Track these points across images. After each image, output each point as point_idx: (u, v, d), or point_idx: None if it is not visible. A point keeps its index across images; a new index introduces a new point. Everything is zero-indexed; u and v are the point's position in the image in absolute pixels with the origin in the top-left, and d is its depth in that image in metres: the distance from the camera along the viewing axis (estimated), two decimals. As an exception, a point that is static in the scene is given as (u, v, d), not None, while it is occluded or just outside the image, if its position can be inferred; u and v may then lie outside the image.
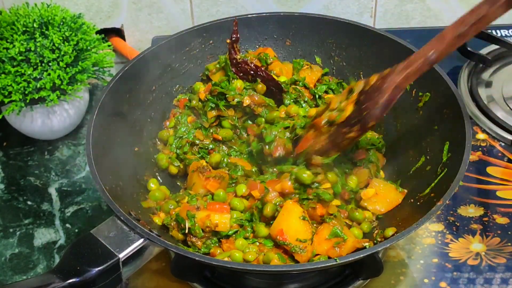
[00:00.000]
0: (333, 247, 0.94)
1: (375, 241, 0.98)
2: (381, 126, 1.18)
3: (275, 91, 1.15)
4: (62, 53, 1.22)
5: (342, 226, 0.97)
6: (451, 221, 1.13)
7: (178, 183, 1.14)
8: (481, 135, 1.28)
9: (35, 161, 1.32)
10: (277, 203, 0.98)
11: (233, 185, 1.06)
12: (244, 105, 1.12)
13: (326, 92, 1.19)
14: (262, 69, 1.16)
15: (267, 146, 1.06)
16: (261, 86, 1.13)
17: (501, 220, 1.12)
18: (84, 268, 0.85)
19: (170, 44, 1.19)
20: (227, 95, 1.13)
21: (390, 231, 0.97)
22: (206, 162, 1.10)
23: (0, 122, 1.33)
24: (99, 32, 1.39)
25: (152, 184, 1.09)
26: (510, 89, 1.36)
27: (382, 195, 1.04)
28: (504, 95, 1.35)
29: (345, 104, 0.98)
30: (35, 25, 1.24)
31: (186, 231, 0.97)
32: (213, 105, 1.14)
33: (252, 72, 1.15)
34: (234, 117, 1.15)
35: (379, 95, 0.95)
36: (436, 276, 1.04)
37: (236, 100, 1.12)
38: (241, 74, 1.16)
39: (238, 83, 1.14)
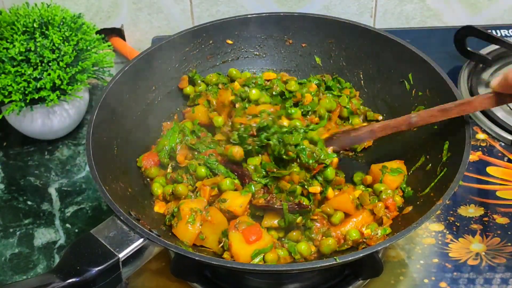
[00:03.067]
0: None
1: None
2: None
3: None
4: (62, 53, 1.22)
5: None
6: (451, 221, 1.13)
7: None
8: (481, 135, 1.28)
9: (35, 161, 1.32)
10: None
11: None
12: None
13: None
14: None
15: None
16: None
17: (501, 220, 1.12)
18: (84, 268, 0.85)
19: (170, 44, 1.19)
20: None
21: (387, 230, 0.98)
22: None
23: (0, 122, 1.33)
24: (99, 32, 1.39)
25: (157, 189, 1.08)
26: (510, 89, 1.36)
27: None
28: (504, 95, 1.35)
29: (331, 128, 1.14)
30: (35, 25, 1.24)
31: (220, 245, 0.98)
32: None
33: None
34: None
35: (354, 130, 1.10)
36: (436, 276, 1.04)
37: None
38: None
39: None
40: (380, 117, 1.18)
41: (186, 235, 0.97)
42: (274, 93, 1.17)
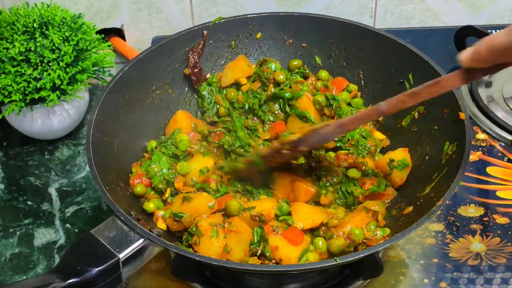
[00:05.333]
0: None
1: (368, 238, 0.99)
2: (381, 126, 1.18)
3: None
4: (62, 53, 1.22)
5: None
6: (451, 221, 1.13)
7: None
8: (481, 135, 1.28)
9: (35, 161, 1.32)
10: None
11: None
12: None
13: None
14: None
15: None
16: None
17: (501, 220, 1.12)
18: (84, 268, 0.85)
19: (170, 44, 1.19)
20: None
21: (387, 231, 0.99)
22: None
23: (0, 122, 1.33)
24: (99, 32, 1.39)
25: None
26: (510, 89, 1.36)
27: None
28: (504, 95, 1.35)
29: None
30: (35, 25, 1.24)
31: (258, 253, 0.96)
32: None
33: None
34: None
35: (324, 127, 1.00)
36: (436, 276, 1.04)
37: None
38: (195, 79, 1.20)
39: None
40: (380, 117, 1.18)
41: (212, 250, 0.93)
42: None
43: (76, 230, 1.19)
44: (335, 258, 0.86)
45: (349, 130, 1.03)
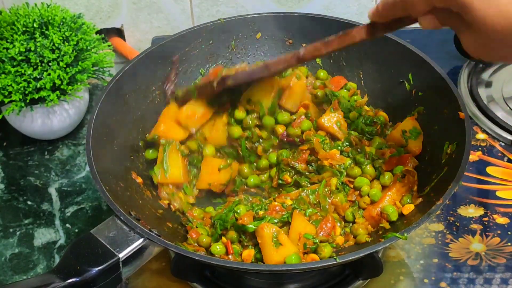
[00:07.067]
0: None
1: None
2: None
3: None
4: (62, 53, 1.23)
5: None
6: (451, 221, 1.13)
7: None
8: (481, 135, 1.28)
9: (35, 161, 1.32)
10: None
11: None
12: None
13: None
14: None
15: None
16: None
17: (501, 220, 1.12)
18: (84, 268, 0.85)
19: (170, 44, 1.19)
20: None
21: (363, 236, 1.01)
22: None
23: (0, 122, 1.33)
24: (99, 32, 1.39)
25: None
26: (510, 89, 1.36)
27: None
28: (504, 95, 1.35)
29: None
30: (35, 25, 1.24)
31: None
32: None
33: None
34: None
35: (251, 67, 1.11)
36: (436, 276, 1.04)
37: None
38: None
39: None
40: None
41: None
42: None
43: (76, 230, 1.19)
44: (335, 257, 0.86)
45: (273, 71, 1.07)
